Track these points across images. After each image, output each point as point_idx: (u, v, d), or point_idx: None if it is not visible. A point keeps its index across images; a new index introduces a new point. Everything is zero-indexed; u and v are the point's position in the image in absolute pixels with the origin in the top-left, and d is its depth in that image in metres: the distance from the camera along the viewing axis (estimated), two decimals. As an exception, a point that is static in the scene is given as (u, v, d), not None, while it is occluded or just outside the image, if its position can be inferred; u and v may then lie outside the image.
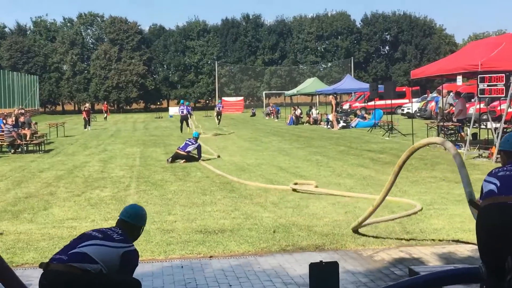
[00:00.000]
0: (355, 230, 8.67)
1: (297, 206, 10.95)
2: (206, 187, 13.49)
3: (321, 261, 5.24)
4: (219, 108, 46.78)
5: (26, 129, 26.50)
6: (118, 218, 5.39)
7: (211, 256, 7.80)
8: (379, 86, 35.72)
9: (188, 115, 35.91)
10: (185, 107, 36.08)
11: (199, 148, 19.27)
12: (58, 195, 12.99)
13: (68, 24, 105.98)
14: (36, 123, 32.76)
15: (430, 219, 9.57)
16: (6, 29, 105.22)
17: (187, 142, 19.46)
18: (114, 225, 5.45)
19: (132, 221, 5.32)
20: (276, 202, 11.41)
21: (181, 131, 34.58)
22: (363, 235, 8.62)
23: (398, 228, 9.01)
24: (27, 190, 13.74)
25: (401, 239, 8.43)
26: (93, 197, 12.58)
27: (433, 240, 8.34)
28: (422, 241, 8.29)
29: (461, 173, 6.07)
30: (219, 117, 44.81)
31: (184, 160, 18.73)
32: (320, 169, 16.34)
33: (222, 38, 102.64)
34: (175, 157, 18.93)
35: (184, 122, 35.58)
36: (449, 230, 8.80)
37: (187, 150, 18.96)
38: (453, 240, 8.28)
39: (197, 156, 19.08)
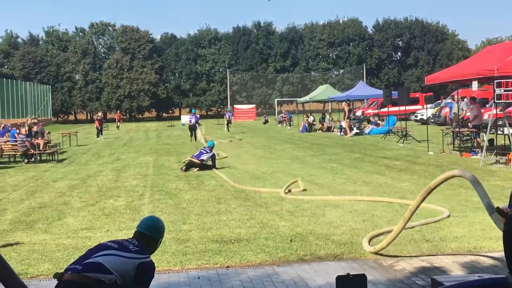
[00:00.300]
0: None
1: (314, 215, 10.82)
2: (220, 196, 13.38)
3: (348, 274, 5.10)
4: (228, 117, 48.09)
5: (39, 138, 26.54)
6: (135, 230, 5.28)
7: (228, 266, 7.68)
8: (392, 92, 35.54)
9: (197, 125, 35.79)
10: (194, 116, 36.11)
11: (213, 157, 19.19)
12: (72, 204, 12.93)
13: (80, 34, 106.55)
14: (49, 133, 32.86)
15: (450, 227, 9.41)
16: (19, 39, 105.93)
17: (201, 150, 19.40)
18: (129, 235, 5.36)
19: (149, 233, 5.21)
20: (292, 211, 11.28)
21: (192, 139, 34.60)
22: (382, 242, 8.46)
23: (417, 236, 8.86)
24: (41, 200, 13.69)
25: (421, 247, 8.27)
26: (107, 206, 12.51)
27: (454, 248, 8.19)
28: (442, 250, 8.13)
29: (477, 189, 5.98)
30: (229, 125, 46.21)
31: (198, 168, 18.65)
32: (335, 176, 16.20)
33: (234, 46, 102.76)
34: (189, 166, 18.86)
35: (193, 133, 35.52)
36: (470, 239, 8.64)
37: (201, 158, 18.89)
38: (474, 249, 8.12)
39: (211, 165, 19.01)
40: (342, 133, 36.05)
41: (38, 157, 24.21)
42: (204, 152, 19.16)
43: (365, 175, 16.33)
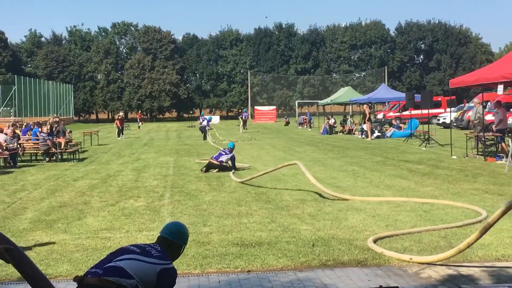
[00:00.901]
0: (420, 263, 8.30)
1: (336, 218, 10.64)
2: (241, 198, 13.24)
3: (380, 286, 4.91)
4: (244, 117, 51.49)
5: (61, 137, 26.61)
6: (159, 235, 5.13)
7: (249, 271, 7.53)
8: (415, 95, 35.19)
9: (207, 128, 36.20)
10: (204, 118, 36.71)
11: (233, 159, 19.00)
12: (92, 204, 12.86)
13: (103, 34, 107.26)
14: (70, 132, 32.98)
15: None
16: (42, 39, 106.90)
17: (221, 152, 19.27)
18: (148, 237, 5.23)
19: (173, 238, 5.04)
20: (314, 214, 11.10)
21: (205, 139, 35.08)
22: (407, 249, 8.27)
23: (443, 243, 8.64)
24: (61, 199, 13.65)
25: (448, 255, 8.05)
26: (127, 207, 12.42)
27: (481, 256, 7.96)
28: (469, 258, 7.91)
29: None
30: (245, 125, 49.66)
31: (217, 169, 18.53)
32: (357, 180, 15.99)
33: (255, 47, 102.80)
34: (209, 167, 18.74)
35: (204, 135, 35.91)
36: (498, 246, 8.40)
37: (220, 159, 18.74)
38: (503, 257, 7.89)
39: (230, 166, 18.88)
40: (363, 135, 35.76)
41: (60, 156, 24.25)
42: (224, 153, 19.02)
43: (387, 178, 16.11)
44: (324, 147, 28.93)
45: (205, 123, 35.97)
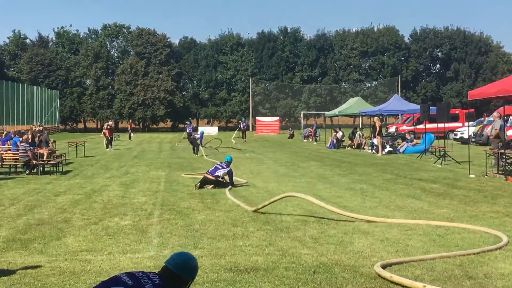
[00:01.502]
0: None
1: (340, 242, 10.48)
2: (237, 217, 13.09)
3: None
4: (243, 126, 53.91)
5: (43, 148, 26.50)
6: (164, 264, 4.87)
7: (242, 300, 7.37)
8: (430, 107, 35.08)
9: (193, 137, 36.23)
10: (191, 128, 36.82)
11: (230, 173, 18.85)
12: (73, 222, 12.73)
13: (93, 36, 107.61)
14: (54, 142, 32.87)
15: (496, 262, 9.00)
16: (27, 40, 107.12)
17: (217, 166, 19.11)
18: (133, 260, 5.00)
19: (179, 272, 4.71)
20: (316, 237, 10.95)
21: (196, 153, 34.89)
22: (418, 278, 8.11)
23: (458, 272, 8.47)
24: (40, 216, 13.51)
25: (463, 285, 7.89)
26: (112, 225, 12.29)
27: (500, 287, 7.80)
28: (487, 289, 7.74)
29: None
30: (244, 134, 52.00)
31: (212, 185, 18.38)
32: (365, 199, 15.84)
33: (258, 53, 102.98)
34: (204, 182, 18.59)
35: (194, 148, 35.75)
36: (519, 276, 8.24)
37: (216, 174, 18.59)
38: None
39: (228, 182, 18.74)
40: (373, 151, 35.63)
41: (41, 168, 24.13)
42: (220, 167, 18.87)
43: (398, 198, 15.96)
44: (331, 162, 28.80)
45: (197, 135, 35.97)
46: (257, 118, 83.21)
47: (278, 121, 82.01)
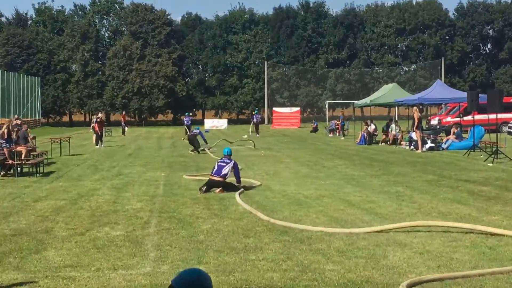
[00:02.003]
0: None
1: (372, 256, 10.46)
2: (249, 227, 13.09)
3: None
4: (256, 120, 55.42)
5: (21, 145, 26.59)
6: (170, 284, 4.80)
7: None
8: (480, 95, 34.90)
9: (193, 134, 36.00)
10: (189, 119, 36.65)
11: (236, 167, 18.93)
12: (55, 233, 12.79)
13: (79, 13, 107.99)
14: (34, 138, 32.99)
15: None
16: (2, 19, 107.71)
17: (220, 163, 19.06)
18: (125, 276, 4.97)
19: None
20: (343, 250, 10.93)
21: (195, 150, 34.66)
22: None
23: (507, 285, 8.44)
24: (16, 226, 13.58)
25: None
26: (101, 236, 12.34)
27: None
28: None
29: None
30: (257, 128, 53.64)
31: (220, 188, 18.40)
32: (401, 205, 15.80)
33: (274, 32, 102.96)
34: (210, 185, 18.60)
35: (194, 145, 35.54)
36: None
37: (222, 174, 18.60)
38: None
39: (235, 181, 18.80)
40: (412, 147, 35.53)
41: (18, 168, 24.21)
42: (224, 163, 18.87)
43: (441, 203, 15.91)
44: (361, 161, 28.75)
45: (196, 131, 35.87)
46: (274, 109, 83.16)
47: (299, 112, 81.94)
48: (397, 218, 13.76)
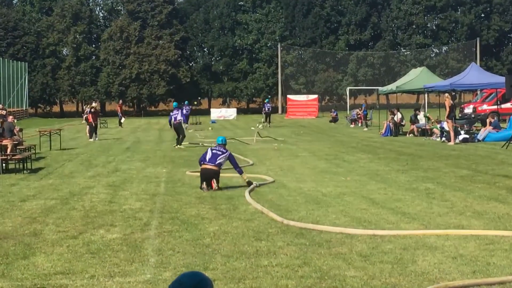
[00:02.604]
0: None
1: (399, 261, 10.46)
2: (261, 229, 13.10)
3: None
4: (268, 109, 57.25)
5: (7, 138, 26.65)
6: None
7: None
8: (520, 80, 34.80)
9: (179, 122, 35.72)
10: (179, 111, 36.18)
11: (231, 158, 18.87)
12: (44, 236, 12.83)
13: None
14: (21, 130, 33.05)
15: None
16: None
17: (213, 151, 18.93)
18: (123, 284, 4.98)
19: None
20: (367, 254, 10.94)
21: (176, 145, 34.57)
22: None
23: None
24: (1, 228, 13.65)
25: None
26: (95, 240, 12.37)
27: None
28: None
29: None
30: (268, 118, 55.72)
31: (213, 182, 18.40)
32: (432, 203, 15.78)
33: (288, 11, 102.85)
34: (206, 177, 18.53)
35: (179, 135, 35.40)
36: None
37: (217, 162, 18.51)
38: None
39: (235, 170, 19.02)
40: (444, 138, 35.46)
41: (4, 164, 24.29)
42: (219, 152, 18.75)
43: (476, 201, 15.88)
44: (386, 154, 28.74)
45: (180, 117, 35.49)
46: (289, 96, 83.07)
47: (317, 100, 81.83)
48: (427, 218, 13.75)
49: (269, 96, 72.18)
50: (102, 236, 12.68)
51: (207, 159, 18.68)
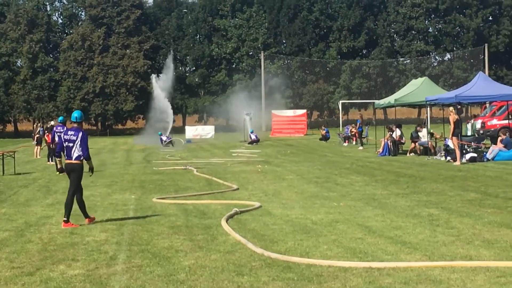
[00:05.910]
0: None
1: (399, 297, 10.48)
2: (243, 262, 13.09)
3: None
4: (256, 136, 58.67)
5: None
6: None
7: None
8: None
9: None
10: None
11: (84, 139, 18.37)
12: (-4, 273, 12.77)
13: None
14: (-31, 153, 32.98)
15: None
16: None
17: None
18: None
19: None
20: (363, 289, 10.96)
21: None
22: None
23: None
24: None
25: None
26: (55, 277, 12.33)
27: None
28: None
29: None
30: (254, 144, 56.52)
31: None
32: (435, 231, 15.82)
33: (272, 15, 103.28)
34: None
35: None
36: None
37: (77, 155, 18.39)
38: None
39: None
40: (448, 157, 35.57)
41: (-50, 192, 24.25)
42: (71, 137, 18.53)
43: (486, 228, 15.93)
44: (384, 176, 28.82)
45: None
46: (273, 112, 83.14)
47: (305, 115, 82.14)
48: (431, 248, 13.77)
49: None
50: (63, 273, 12.62)
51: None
